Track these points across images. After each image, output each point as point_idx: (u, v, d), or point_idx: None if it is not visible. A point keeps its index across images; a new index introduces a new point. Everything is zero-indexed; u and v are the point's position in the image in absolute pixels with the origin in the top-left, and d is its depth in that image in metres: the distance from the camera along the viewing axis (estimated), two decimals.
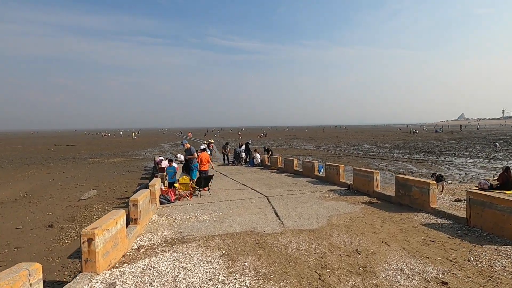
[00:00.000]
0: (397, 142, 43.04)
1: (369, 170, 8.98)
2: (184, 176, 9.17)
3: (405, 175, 7.16)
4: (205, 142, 25.40)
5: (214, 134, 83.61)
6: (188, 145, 10.51)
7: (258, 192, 9.99)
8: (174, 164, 11.49)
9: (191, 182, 9.24)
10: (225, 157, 20.64)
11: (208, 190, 9.87)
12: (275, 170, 15.95)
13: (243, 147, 20.82)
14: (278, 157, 16.72)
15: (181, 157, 23.40)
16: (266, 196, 9.23)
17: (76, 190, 14.13)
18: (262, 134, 74.17)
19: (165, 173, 10.77)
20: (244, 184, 11.61)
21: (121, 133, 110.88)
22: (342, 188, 10.10)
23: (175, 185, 9.17)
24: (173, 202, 8.81)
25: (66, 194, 13.18)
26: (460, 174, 16.36)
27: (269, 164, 17.48)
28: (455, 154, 26.42)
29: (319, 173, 12.75)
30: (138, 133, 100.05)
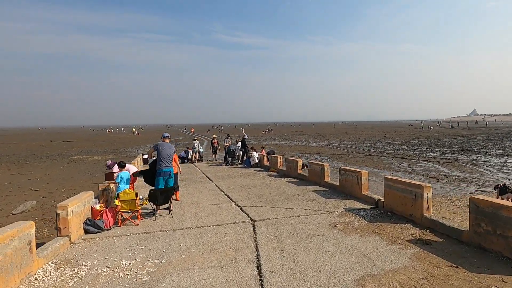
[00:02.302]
0: (413, 139, 39.31)
1: (414, 182, 5.71)
2: (127, 190, 6.06)
3: (488, 197, 3.74)
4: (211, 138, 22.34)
5: (219, 130, 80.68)
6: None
7: (243, 210, 6.83)
8: (132, 167, 8.41)
9: (138, 197, 6.12)
10: (226, 154, 17.24)
11: (169, 209, 6.76)
12: (275, 173, 12.77)
13: (239, 144, 17.66)
14: (278, 157, 13.51)
15: None
16: (252, 220, 6.06)
17: (21, 198, 11.28)
18: (267, 130, 70.84)
19: (114, 182, 7.69)
20: (228, 196, 8.46)
21: (123, 129, 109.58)
22: (366, 206, 6.84)
23: (116, 202, 6.08)
24: (107, 229, 5.73)
25: (3, 204, 10.31)
26: (510, 180, 12.88)
27: (268, 165, 14.30)
28: (486, 152, 22.75)
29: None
30: (142, 129, 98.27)
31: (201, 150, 19.72)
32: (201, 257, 4.35)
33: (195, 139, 20.40)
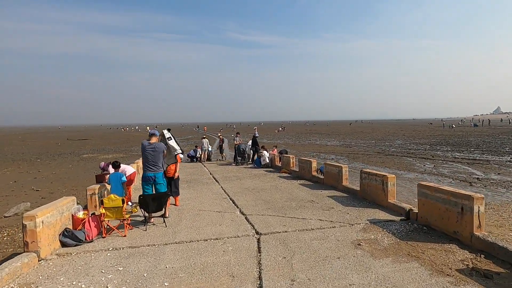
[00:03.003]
0: (435, 138, 37.16)
1: (460, 192, 4.56)
2: (112, 196, 5.23)
3: None
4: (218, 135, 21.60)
5: (231, 128, 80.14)
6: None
7: (248, 220, 5.88)
8: (128, 168, 7.59)
9: (124, 204, 5.27)
10: (235, 154, 16.32)
11: (163, 216, 5.90)
12: (286, 175, 11.74)
13: (250, 142, 16.72)
14: (291, 157, 12.46)
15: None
16: (257, 234, 5.09)
17: (20, 198, 10.78)
18: (280, 129, 69.58)
19: (107, 184, 6.91)
20: (233, 201, 7.53)
21: (137, 127, 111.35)
22: (394, 218, 5.73)
23: (101, 210, 5.25)
24: (89, 241, 4.92)
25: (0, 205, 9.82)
26: None
27: (280, 165, 13.29)
28: None
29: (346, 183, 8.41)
30: (156, 127, 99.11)
31: (210, 149, 18.93)
32: (188, 287, 3.42)
33: (204, 138, 19.63)
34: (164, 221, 5.77)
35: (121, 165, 7.27)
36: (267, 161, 14.21)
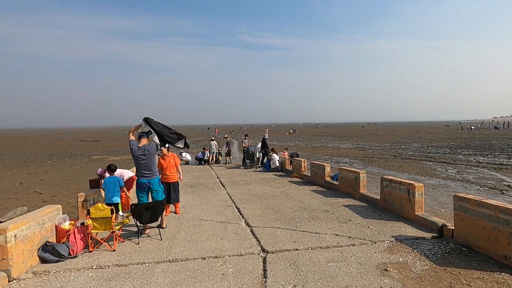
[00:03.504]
0: (454, 141, 35.48)
1: (510, 208, 3.73)
2: (100, 205, 4.63)
3: None
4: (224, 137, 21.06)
5: (242, 130, 79.69)
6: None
7: (253, 233, 5.18)
8: (127, 172, 7.02)
9: (114, 214, 4.67)
10: (244, 156, 15.65)
11: (160, 227, 5.28)
12: (298, 180, 10.98)
13: (259, 145, 16.03)
14: (302, 161, 11.68)
15: (187, 156, 19.26)
16: (264, 252, 4.38)
17: (22, 201, 10.47)
18: (292, 131, 68.61)
19: (102, 189, 6.36)
20: (238, 209, 6.85)
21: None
22: (424, 234, 4.89)
23: (87, 221, 4.67)
24: (72, 256, 4.33)
25: None
26: None
27: (291, 169, 12.54)
28: None
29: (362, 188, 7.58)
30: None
31: (218, 150, 18.36)
32: None
33: (212, 140, 19.08)
34: (159, 233, 5.14)
35: (118, 169, 6.72)
36: (277, 164, 13.48)
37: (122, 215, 5.39)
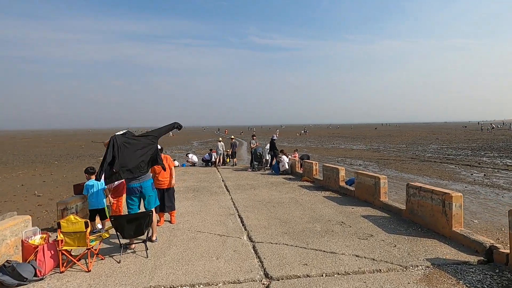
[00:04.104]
0: (475, 142, 33.64)
1: None
2: (72, 217, 3.90)
3: None
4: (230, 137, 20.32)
5: (252, 131, 79.04)
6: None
7: (256, 250, 4.35)
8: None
9: (89, 228, 3.93)
10: (252, 158, 14.84)
11: (148, 240, 4.52)
12: (308, 184, 10.08)
13: (268, 146, 15.20)
14: (314, 163, 10.77)
15: (193, 157, 18.60)
16: (267, 278, 3.55)
17: (18, 204, 10.01)
18: (302, 132, 67.40)
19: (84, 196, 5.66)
20: (241, 219, 6.03)
21: None
22: (467, 257, 3.94)
23: (59, 236, 3.95)
24: (38, 278, 3.62)
25: None
26: None
27: (301, 172, 11.65)
28: None
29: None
30: (179, 130, 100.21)
31: (226, 152, 17.63)
32: None
33: (220, 141, 18.37)
34: (146, 248, 4.38)
35: None
36: (287, 167, 12.61)
37: (100, 229, 4.66)
